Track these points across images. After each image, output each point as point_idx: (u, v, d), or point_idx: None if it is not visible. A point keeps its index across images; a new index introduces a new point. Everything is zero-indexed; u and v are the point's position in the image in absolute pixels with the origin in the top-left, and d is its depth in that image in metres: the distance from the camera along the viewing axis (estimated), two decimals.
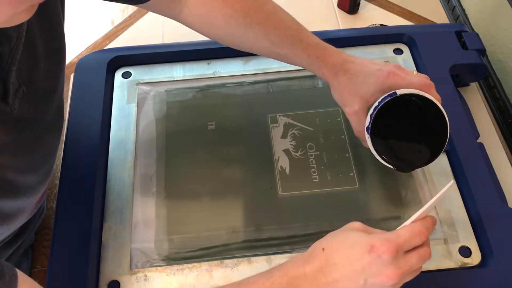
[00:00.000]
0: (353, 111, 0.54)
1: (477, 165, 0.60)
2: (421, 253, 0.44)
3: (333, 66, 0.55)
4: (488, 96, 0.80)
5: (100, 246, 0.57)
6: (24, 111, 0.45)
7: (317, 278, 0.43)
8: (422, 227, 0.44)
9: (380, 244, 0.42)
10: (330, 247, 0.44)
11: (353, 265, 0.42)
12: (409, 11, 0.90)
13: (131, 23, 0.90)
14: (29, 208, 0.54)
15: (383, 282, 0.42)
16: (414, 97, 0.51)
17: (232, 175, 0.64)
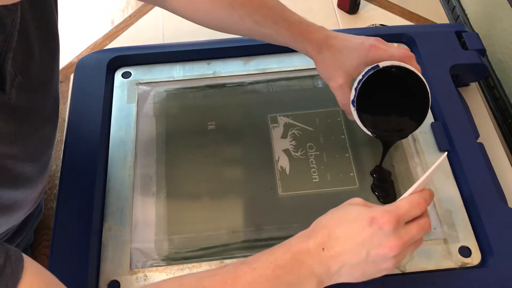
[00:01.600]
0: (338, 85, 0.56)
1: (477, 165, 0.60)
2: (421, 223, 0.45)
3: (317, 42, 0.56)
4: (488, 96, 0.80)
5: (100, 246, 0.57)
6: (22, 100, 0.45)
7: (320, 253, 0.43)
8: (420, 198, 0.45)
9: (381, 215, 0.43)
10: (332, 222, 0.45)
11: (355, 238, 0.43)
12: (409, 11, 0.90)
13: (131, 23, 0.90)
14: (28, 202, 0.54)
15: (386, 253, 0.43)
16: (395, 69, 0.52)
17: (232, 175, 0.64)
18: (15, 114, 0.45)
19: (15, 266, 0.36)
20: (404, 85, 0.54)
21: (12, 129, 0.45)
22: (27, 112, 0.47)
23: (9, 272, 0.36)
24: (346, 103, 0.56)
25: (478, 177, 0.59)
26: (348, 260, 0.43)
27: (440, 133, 0.64)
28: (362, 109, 0.54)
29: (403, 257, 0.45)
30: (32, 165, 0.51)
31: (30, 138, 0.49)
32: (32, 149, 0.50)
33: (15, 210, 0.51)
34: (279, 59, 0.73)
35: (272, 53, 0.73)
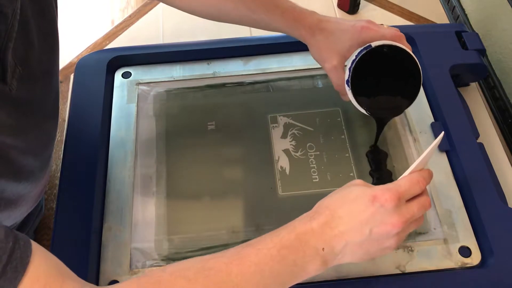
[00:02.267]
0: (332, 66, 0.58)
1: (477, 165, 0.60)
2: (421, 201, 0.46)
3: (309, 27, 0.58)
4: (488, 96, 0.80)
5: (100, 246, 0.57)
6: (23, 92, 0.46)
7: (324, 232, 0.44)
8: (420, 176, 0.47)
9: (382, 193, 0.44)
10: (334, 202, 0.46)
11: (357, 217, 0.44)
12: (409, 11, 0.90)
13: (131, 23, 0.90)
14: (30, 198, 0.54)
15: (388, 230, 0.44)
16: (387, 48, 0.54)
17: (232, 175, 0.64)
18: (17, 106, 0.45)
19: (24, 250, 0.37)
20: (396, 64, 0.56)
21: (14, 121, 0.45)
22: (28, 105, 0.48)
23: (18, 256, 0.37)
24: (340, 83, 0.58)
25: (478, 177, 0.59)
26: (352, 239, 0.44)
27: (440, 133, 0.63)
28: (357, 89, 0.56)
29: (405, 235, 0.46)
30: (35, 159, 0.51)
31: (33, 131, 0.50)
32: (34, 142, 0.50)
33: (18, 205, 0.51)
34: (279, 59, 0.73)
35: (272, 53, 0.73)
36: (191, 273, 0.42)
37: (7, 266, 0.35)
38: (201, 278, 0.42)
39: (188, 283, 0.41)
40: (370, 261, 0.55)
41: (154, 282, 0.42)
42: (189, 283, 0.41)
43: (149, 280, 0.42)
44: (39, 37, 0.49)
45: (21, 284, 0.36)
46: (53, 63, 0.53)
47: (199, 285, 0.41)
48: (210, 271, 0.42)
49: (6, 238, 0.37)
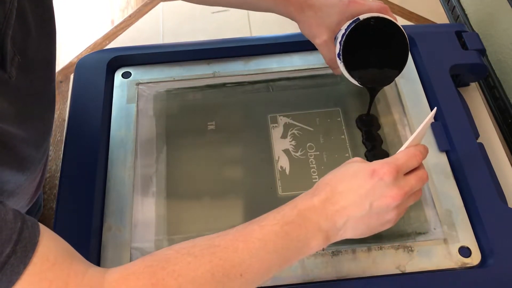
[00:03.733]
0: (323, 41, 0.60)
1: (477, 165, 0.60)
2: (419, 174, 0.48)
3: (298, 3, 0.60)
4: (488, 96, 0.80)
5: (100, 246, 0.57)
6: (22, 81, 0.46)
7: (325, 208, 0.45)
8: (416, 150, 0.48)
9: (381, 167, 0.45)
10: (334, 179, 0.47)
11: (357, 191, 0.45)
12: (409, 11, 0.90)
13: (131, 23, 0.90)
14: (28, 190, 0.55)
15: (388, 203, 0.45)
16: (374, 20, 0.56)
17: (232, 175, 0.64)
18: (18, 95, 0.46)
19: (32, 231, 0.38)
20: (384, 35, 0.58)
21: (16, 110, 0.46)
22: (28, 94, 0.48)
23: (27, 235, 0.38)
24: (332, 58, 0.60)
25: (478, 177, 0.59)
26: (353, 213, 0.45)
27: (440, 133, 0.64)
28: (348, 62, 0.57)
29: (404, 209, 0.47)
30: (36, 150, 0.52)
31: (34, 121, 0.50)
32: (35, 133, 0.51)
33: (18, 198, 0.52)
34: (279, 59, 0.73)
35: (272, 53, 0.73)
36: (197, 250, 0.43)
37: (17, 245, 0.36)
38: (208, 254, 0.42)
39: (195, 259, 0.42)
40: (370, 261, 0.55)
41: (160, 259, 0.42)
42: (195, 259, 0.42)
43: (156, 258, 0.43)
44: (37, 25, 0.49)
45: (31, 262, 0.37)
46: (50, 51, 0.53)
47: (206, 261, 0.42)
48: (216, 248, 0.43)
49: (14, 219, 0.37)
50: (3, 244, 0.36)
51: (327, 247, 0.56)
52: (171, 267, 0.41)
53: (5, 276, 0.36)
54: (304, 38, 0.63)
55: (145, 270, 0.41)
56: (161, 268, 0.41)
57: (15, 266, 0.36)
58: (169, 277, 0.41)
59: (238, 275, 0.42)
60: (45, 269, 0.38)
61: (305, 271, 0.55)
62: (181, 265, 0.41)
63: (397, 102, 0.68)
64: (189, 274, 0.41)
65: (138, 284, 0.40)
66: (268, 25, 0.86)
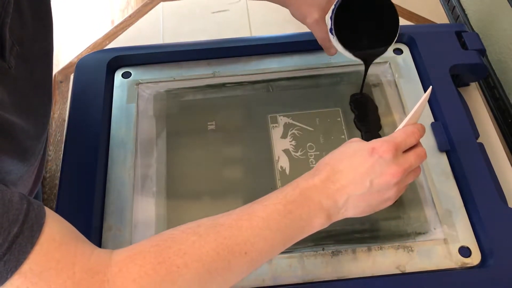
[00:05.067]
0: (314, 20, 0.60)
1: (477, 165, 0.60)
2: (418, 152, 0.48)
3: None
4: (488, 96, 0.80)
5: (100, 246, 0.57)
6: (21, 71, 0.46)
7: (326, 187, 0.46)
8: (414, 128, 0.49)
9: (380, 145, 0.46)
10: (334, 158, 0.48)
11: (357, 169, 0.46)
12: (409, 11, 0.90)
13: (131, 23, 0.90)
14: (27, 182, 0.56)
15: (388, 180, 0.46)
16: None
17: (232, 175, 0.64)
18: (18, 85, 0.46)
19: (38, 212, 0.39)
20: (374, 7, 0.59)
21: (16, 100, 0.46)
22: (27, 85, 0.49)
23: (33, 216, 0.38)
24: (324, 36, 0.60)
25: (478, 177, 0.59)
26: (353, 191, 0.46)
27: (440, 133, 0.64)
28: (340, 35, 0.58)
29: (404, 187, 0.48)
30: (37, 141, 0.53)
31: (33, 112, 0.51)
32: (35, 123, 0.52)
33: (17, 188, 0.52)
34: (279, 59, 0.73)
35: (272, 53, 0.73)
36: (202, 229, 0.44)
37: (23, 225, 0.37)
38: (213, 233, 0.43)
39: (200, 238, 0.43)
40: (370, 261, 0.55)
41: (166, 239, 0.43)
42: (200, 238, 0.43)
43: (161, 237, 0.43)
44: (34, 16, 0.49)
45: (38, 242, 0.38)
46: (48, 43, 0.54)
47: (211, 239, 0.43)
48: (221, 227, 0.44)
49: (20, 201, 0.38)
50: (10, 224, 0.36)
51: (327, 246, 0.56)
52: (177, 246, 0.42)
53: (13, 255, 0.36)
54: (304, 38, 0.63)
55: (151, 250, 0.42)
56: (167, 247, 0.42)
57: (22, 245, 0.37)
58: (175, 255, 0.41)
59: (242, 253, 0.43)
60: (52, 249, 0.39)
61: (305, 271, 0.55)
62: (187, 244, 0.42)
63: (397, 102, 0.68)
64: (195, 252, 0.42)
65: (144, 263, 0.41)
66: (268, 25, 0.86)
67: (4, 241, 0.36)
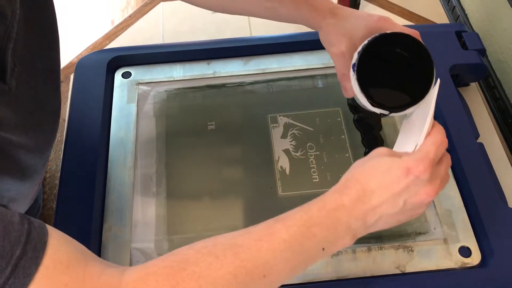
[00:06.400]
0: (340, 52, 0.54)
1: (477, 165, 0.60)
2: (447, 162, 0.46)
3: (322, 10, 0.55)
4: (488, 96, 0.80)
5: (100, 246, 0.57)
6: (24, 91, 0.46)
7: (356, 207, 0.43)
8: (441, 135, 0.45)
9: (416, 165, 0.43)
10: (364, 175, 0.44)
11: (391, 189, 0.43)
12: (409, 11, 0.90)
13: (131, 23, 0.90)
14: (29, 195, 0.55)
15: (422, 199, 0.43)
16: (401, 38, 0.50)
17: (232, 175, 0.64)
18: (20, 104, 0.46)
19: (40, 231, 0.38)
20: (408, 58, 0.52)
21: (20, 119, 0.45)
22: (31, 102, 0.48)
23: (35, 236, 0.37)
24: (345, 73, 0.53)
25: (478, 177, 0.59)
26: (385, 211, 0.43)
27: None
28: (362, 76, 0.51)
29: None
30: (40, 157, 0.51)
31: (38, 128, 0.50)
32: (40, 140, 0.51)
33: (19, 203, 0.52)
34: (279, 59, 0.73)
35: (272, 53, 0.73)
36: (218, 249, 0.41)
37: (26, 246, 0.36)
38: (230, 255, 0.41)
39: (216, 260, 0.40)
40: (370, 261, 0.55)
41: (180, 260, 0.41)
42: (217, 260, 0.40)
43: (175, 258, 0.41)
44: (38, 34, 0.49)
45: (43, 264, 0.36)
46: (53, 60, 0.53)
47: (228, 262, 0.40)
48: (239, 248, 0.41)
49: (21, 221, 0.37)
50: (12, 246, 0.35)
51: None
52: (192, 267, 0.40)
53: (18, 279, 0.35)
54: (304, 38, 0.63)
55: (164, 271, 0.40)
56: (181, 269, 0.40)
57: (26, 267, 0.35)
58: (190, 278, 0.39)
59: (261, 276, 0.41)
60: (59, 272, 0.37)
61: (305, 271, 0.55)
62: (202, 266, 0.40)
63: None
64: (210, 275, 0.40)
65: (157, 286, 0.39)
66: (268, 25, 0.86)
67: (7, 265, 0.34)
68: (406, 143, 0.50)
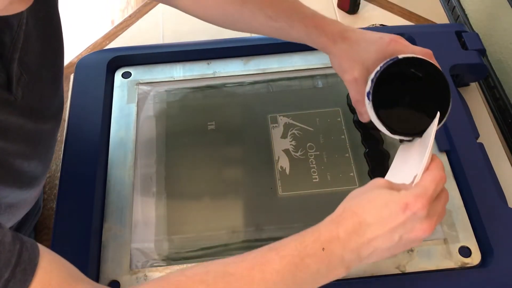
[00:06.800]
0: (353, 78, 0.52)
1: (477, 165, 0.60)
2: (444, 198, 0.45)
3: (332, 34, 0.54)
4: (488, 96, 0.80)
5: (100, 246, 0.57)
6: (29, 99, 0.46)
7: (351, 240, 0.43)
8: (440, 171, 0.45)
9: (414, 201, 0.42)
10: (361, 208, 0.44)
11: (388, 224, 0.42)
12: (409, 11, 0.90)
13: (131, 23, 0.90)
14: (31, 200, 0.54)
15: (418, 235, 0.43)
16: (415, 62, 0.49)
17: (232, 175, 0.64)
18: (23, 113, 0.45)
19: (32, 252, 0.37)
20: (424, 82, 0.51)
21: (22, 127, 0.45)
22: (35, 110, 0.48)
23: (26, 258, 0.36)
24: (359, 99, 0.52)
25: (478, 177, 0.59)
26: (380, 245, 0.43)
27: (440, 133, 0.64)
28: (377, 104, 0.50)
29: None
30: (39, 163, 0.51)
31: (39, 135, 0.50)
32: (40, 146, 0.50)
33: (19, 208, 0.51)
34: (279, 59, 0.73)
35: (272, 53, 0.73)
36: (210, 277, 0.41)
37: (16, 269, 0.35)
38: (222, 283, 0.40)
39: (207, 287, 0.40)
40: None
41: (171, 286, 0.41)
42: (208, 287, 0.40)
43: (166, 284, 0.41)
44: (44, 43, 0.49)
45: (31, 286, 0.36)
46: (57, 67, 0.53)
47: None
48: (231, 277, 0.41)
49: (13, 241, 0.36)
50: (1, 268, 0.34)
51: None
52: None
53: None
54: None
55: None
56: None
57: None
58: None
59: None
60: None
61: None
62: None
63: None
64: None
65: None
66: None
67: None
68: (402, 170, 0.50)
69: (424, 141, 0.47)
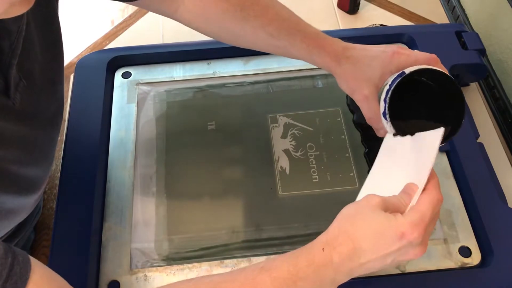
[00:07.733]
0: (363, 97, 0.52)
1: (477, 165, 0.60)
2: (436, 218, 0.45)
3: (334, 54, 0.53)
4: (488, 96, 0.80)
5: (100, 246, 0.57)
6: (27, 104, 0.45)
7: (344, 265, 0.43)
8: (438, 193, 0.44)
9: (411, 231, 0.42)
10: (356, 232, 0.43)
11: (382, 251, 0.42)
12: (409, 11, 0.90)
13: (131, 23, 0.90)
14: (31, 204, 0.54)
15: (409, 258, 0.43)
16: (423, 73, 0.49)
17: (232, 175, 0.64)
18: (21, 119, 0.45)
19: (23, 266, 0.37)
20: (435, 89, 0.50)
21: (18, 133, 0.45)
22: (32, 116, 0.47)
23: (18, 271, 0.36)
24: (372, 116, 0.52)
25: (478, 177, 0.59)
26: (372, 267, 0.43)
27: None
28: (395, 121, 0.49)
29: None
30: (37, 169, 0.51)
31: (37, 141, 0.49)
32: (37, 152, 0.50)
33: (18, 213, 0.51)
34: (279, 59, 0.72)
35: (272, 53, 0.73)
36: None
37: (7, 282, 0.35)
38: None
39: None
40: None
41: None
42: None
43: None
44: (43, 48, 0.48)
45: None
46: (57, 72, 0.53)
47: None
48: None
49: (5, 254, 0.36)
50: None
51: None
52: None
53: None
54: None
55: None
56: None
57: None
58: None
59: None
60: None
61: None
62: None
63: None
64: None
65: None
66: None
67: None
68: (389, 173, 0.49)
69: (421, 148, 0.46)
